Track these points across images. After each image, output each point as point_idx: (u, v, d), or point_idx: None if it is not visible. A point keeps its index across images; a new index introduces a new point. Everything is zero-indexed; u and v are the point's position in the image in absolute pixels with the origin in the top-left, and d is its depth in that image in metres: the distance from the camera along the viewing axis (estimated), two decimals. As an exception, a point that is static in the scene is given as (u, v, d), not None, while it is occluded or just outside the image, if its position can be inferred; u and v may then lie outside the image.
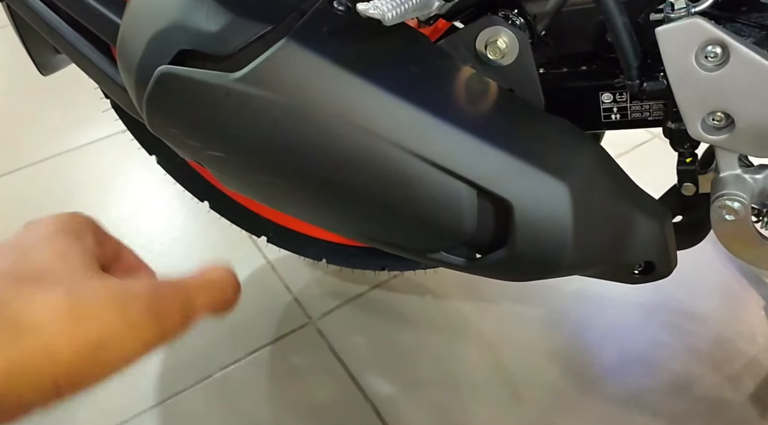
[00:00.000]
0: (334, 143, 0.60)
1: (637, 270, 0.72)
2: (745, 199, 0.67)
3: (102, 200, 1.54)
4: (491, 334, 1.16)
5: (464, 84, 0.66)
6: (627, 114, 0.76)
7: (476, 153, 0.61)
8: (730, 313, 1.13)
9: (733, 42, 0.60)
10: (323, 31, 0.61)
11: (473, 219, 0.63)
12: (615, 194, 0.68)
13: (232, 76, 0.59)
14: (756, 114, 0.63)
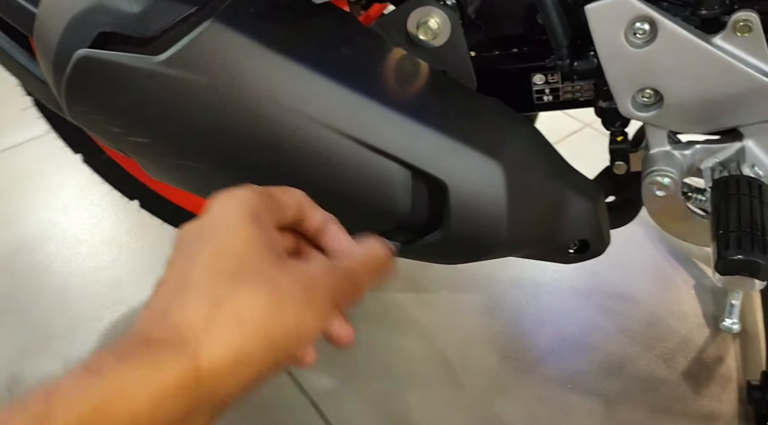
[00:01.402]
0: (262, 125, 0.59)
1: (572, 249, 0.72)
2: (675, 175, 0.68)
3: (28, 204, 1.48)
4: (428, 323, 1.16)
5: (395, 65, 0.65)
6: (559, 95, 0.76)
7: (409, 133, 0.60)
8: (661, 294, 1.15)
9: (661, 18, 0.61)
10: (250, 12, 0.59)
11: (407, 201, 0.62)
12: (548, 173, 0.68)
13: (156, 59, 0.57)
14: (683, 90, 0.64)
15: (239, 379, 0.35)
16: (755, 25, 0.59)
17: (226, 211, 0.39)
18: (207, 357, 0.33)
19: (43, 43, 0.61)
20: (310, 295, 0.37)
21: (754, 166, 0.66)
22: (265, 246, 0.38)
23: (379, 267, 0.44)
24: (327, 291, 0.39)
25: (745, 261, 0.58)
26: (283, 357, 0.37)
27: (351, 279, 0.41)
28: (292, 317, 0.36)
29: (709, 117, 0.65)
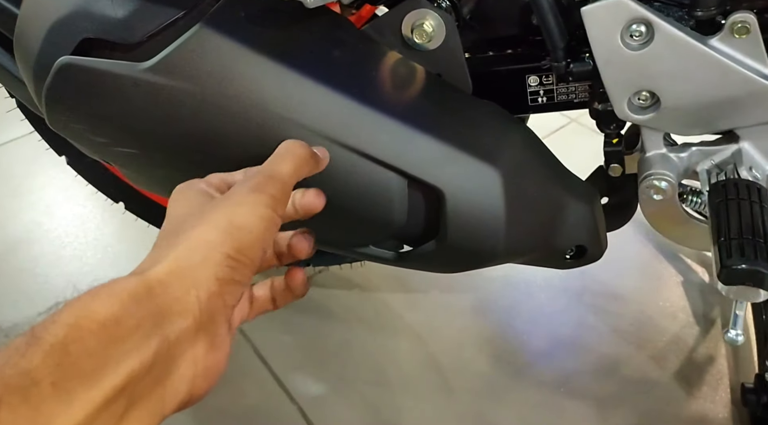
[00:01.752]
0: (253, 134, 0.57)
1: (569, 254, 0.71)
2: (672, 178, 0.68)
3: (12, 205, 1.46)
4: (420, 326, 1.15)
5: (390, 69, 0.64)
6: (553, 96, 0.75)
7: (405, 140, 0.59)
8: (651, 292, 1.15)
9: (658, 19, 0.60)
10: (240, 16, 0.58)
11: (403, 210, 0.61)
12: (545, 178, 0.67)
13: (142, 66, 0.55)
14: (680, 92, 0.63)
15: (185, 284, 0.40)
16: (753, 27, 0.59)
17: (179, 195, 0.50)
18: (154, 273, 0.40)
19: (24, 47, 0.58)
20: (255, 209, 0.44)
21: (751, 169, 0.65)
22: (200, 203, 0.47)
23: (297, 159, 0.50)
24: (265, 200, 0.45)
25: (750, 270, 0.57)
26: (235, 257, 0.42)
27: (279, 182, 0.47)
28: (222, 219, 0.43)
29: (706, 119, 0.65)
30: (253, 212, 0.44)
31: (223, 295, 0.42)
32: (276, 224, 0.46)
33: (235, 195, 0.46)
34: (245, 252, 0.43)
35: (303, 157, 0.50)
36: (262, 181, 0.46)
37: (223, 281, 0.42)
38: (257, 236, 0.44)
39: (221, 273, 0.42)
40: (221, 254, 0.42)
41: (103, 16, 0.55)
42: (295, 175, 0.49)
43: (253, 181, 0.46)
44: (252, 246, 0.43)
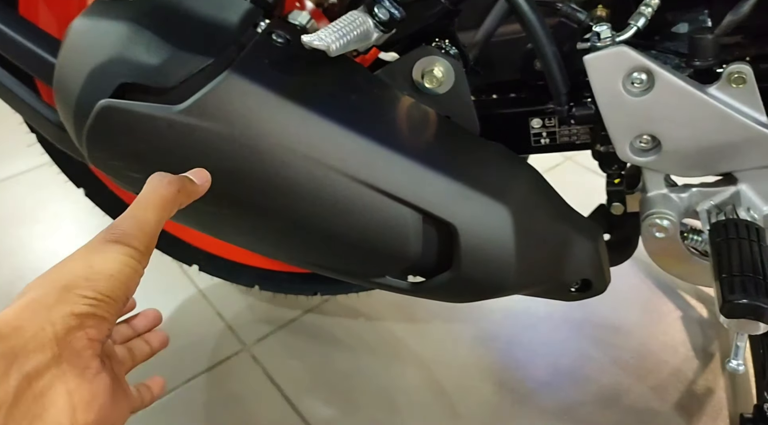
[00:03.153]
0: (279, 172, 0.61)
1: (574, 287, 0.74)
2: (673, 217, 0.71)
3: (25, 234, 1.50)
4: (425, 354, 1.17)
5: (404, 112, 0.68)
6: (555, 138, 0.79)
7: (420, 178, 0.62)
8: (651, 325, 1.18)
9: (658, 68, 0.63)
10: (264, 63, 0.61)
11: (418, 244, 0.64)
12: (552, 215, 0.70)
13: (175, 109, 0.59)
14: (680, 136, 0.66)
15: (38, 323, 0.41)
16: (749, 77, 0.62)
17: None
18: (2, 316, 0.41)
19: (64, 92, 0.62)
20: (96, 247, 0.45)
21: (749, 210, 0.68)
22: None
23: (158, 196, 0.50)
24: (114, 238, 0.45)
25: (751, 305, 0.60)
26: (93, 297, 0.43)
27: (133, 218, 0.47)
28: (79, 264, 0.44)
29: (705, 162, 0.68)
30: (114, 259, 0.45)
31: (84, 329, 0.43)
32: (139, 273, 0.46)
33: (96, 243, 0.46)
34: (106, 292, 0.44)
35: (168, 198, 0.50)
36: (126, 232, 0.46)
37: (83, 316, 0.42)
38: (119, 279, 0.44)
39: (79, 309, 0.42)
40: (77, 294, 0.43)
41: (139, 62, 0.59)
42: (162, 220, 0.49)
43: (117, 230, 0.46)
44: (113, 288, 0.44)
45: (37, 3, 0.87)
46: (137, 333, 0.63)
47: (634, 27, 0.65)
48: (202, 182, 0.54)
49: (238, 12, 0.63)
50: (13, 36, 0.70)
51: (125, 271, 0.45)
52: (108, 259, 0.45)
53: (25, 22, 0.73)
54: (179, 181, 0.51)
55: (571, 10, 0.69)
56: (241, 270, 1.16)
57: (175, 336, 0.57)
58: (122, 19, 0.61)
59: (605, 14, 0.73)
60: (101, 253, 0.45)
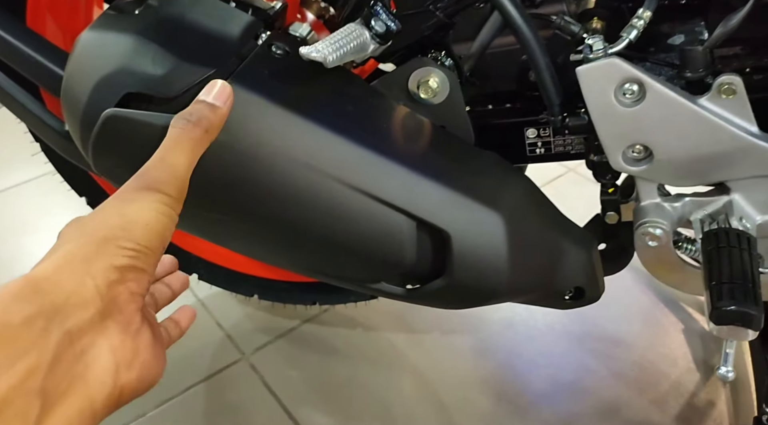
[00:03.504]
0: (277, 179, 0.62)
1: (568, 295, 0.75)
2: (666, 226, 0.71)
3: (28, 242, 1.51)
4: (423, 365, 1.18)
5: (400, 121, 0.69)
6: (550, 148, 0.79)
7: (414, 186, 0.63)
8: (651, 337, 1.18)
9: (649, 79, 0.64)
10: (264, 74, 0.63)
11: (413, 250, 0.65)
12: (545, 223, 0.71)
13: None
14: (672, 146, 0.67)
15: (78, 276, 0.40)
16: (739, 88, 0.63)
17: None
18: (39, 270, 0.41)
19: (71, 102, 0.63)
20: (128, 196, 0.44)
21: (741, 219, 0.69)
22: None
23: (188, 138, 0.49)
24: (145, 184, 0.45)
25: (739, 311, 0.60)
26: (132, 248, 0.42)
27: (163, 162, 0.47)
28: (113, 214, 0.43)
29: (697, 172, 0.68)
30: (149, 207, 0.44)
31: (126, 282, 0.42)
32: (174, 221, 0.45)
33: (127, 192, 0.45)
34: (143, 242, 0.43)
35: (196, 140, 0.49)
36: (157, 178, 0.45)
37: (124, 269, 0.42)
38: (155, 228, 0.43)
39: (119, 262, 0.41)
40: (116, 246, 0.41)
41: (144, 73, 0.60)
42: (192, 163, 0.48)
43: (147, 177, 0.46)
44: (150, 238, 0.43)
45: (44, 15, 0.89)
46: (157, 278, 0.61)
47: (626, 39, 0.66)
48: (224, 101, 0.52)
49: (239, 24, 0.65)
50: (21, 47, 0.72)
51: (161, 220, 0.44)
52: (142, 208, 0.44)
53: (32, 34, 0.75)
54: (205, 119, 0.50)
55: (565, 22, 0.70)
56: (241, 280, 1.17)
57: (175, 344, 0.57)
58: (127, 32, 0.62)
59: (600, 26, 0.74)
60: (134, 202, 0.44)
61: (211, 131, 0.51)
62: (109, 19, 0.66)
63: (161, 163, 0.47)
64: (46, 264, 0.41)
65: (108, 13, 0.67)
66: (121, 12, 0.66)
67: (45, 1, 0.88)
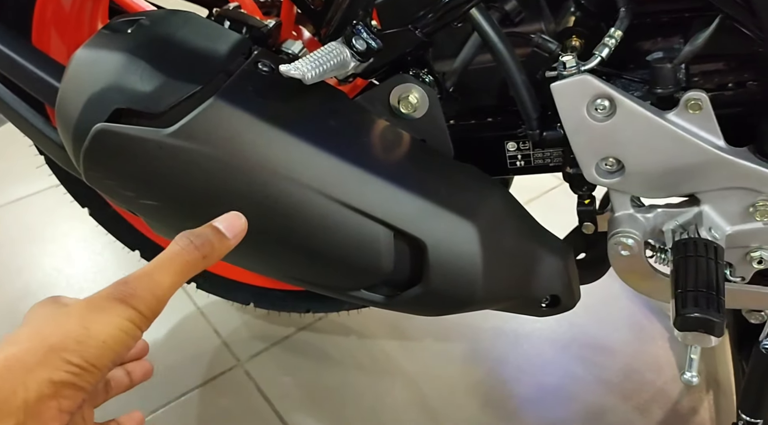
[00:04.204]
0: (259, 191, 0.65)
1: (544, 303, 0.77)
2: (637, 236, 0.74)
3: (33, 252, 1.55)
4: (414, 371, 1.20)
5: (380, 135, 0.72)
6: (530, 160, 0.82)
7: (392, 197, 0.66)
8: (637, 345, 1.20)
9: (619, 96, 0.67)
10: (249, 90, 0.66)
11: (390, 259, 0.68)
12: (520, 233, 0.74)
13: (165, 132, 0.63)
14: (642, 159, 0.70)
15: (13, 384, 0.40)
16: (704, 104, 0.66)
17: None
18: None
19: (65, 115, 0.67)
20: (98, 304, 0.43)
21: (710, 229, 0.71)
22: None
23: (181, 261, 0.48)
24: (120, 296, 0.44)
25: (701, 318, 0.63)
26: (78, 364, 0.41)
27: (147, 279, 0.46)
28: (74, 323, 0.42)
29: (667, 184, 0.71)
30: (114, 323, 0.42)
31: (58, 399, 0.41)
32: (136, 339, 0.44)
33: (101, 299, 0.44)
34: (93, 361, 0.41)
35: (191, 264, 0.48)
36: (135, 292, 0.44)
37: (61, 384, 0.41)
38: (111, 347, 0.42)
39: (59, 377, 0.40)
40: (62, 359, 0.41)
41: (133, 89, 0.64)
42: (177, 285, 0.47)
43: (127, 288, 0.44)
44: (102, 357, 0.42)
45: (49, 32, 0.92)
46: (121, 362, 0.59)
47: (597, 57, 0.69)
48: (234, 234, 0.51)
49: (227, 42, 0.69)
50: (25, 64, 0.75)
51: (120, 338, 0.43)
52: (107, 323, 0.42)
53: (36, 52, 0.78)
54: (208, 245, 0.49)
55: (543, 40, 0.72)
56: (237, 288, 1.20)
57: (172, 351, 0.60)
58: (120, 50, 0.66)
59: (579, 45, 0.77)
60: (102, 313, 0.43)
61: (209, 259, 0.49)
62: (103, 38, 0.69)
63: (147, 278, 0.46)
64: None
65: (102, 32, 0.70)
66: (114, 31, 0.69)
67: (50, 18, 0.91)
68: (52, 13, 0.91)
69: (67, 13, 0.93)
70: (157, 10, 0.82)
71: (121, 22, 0.70)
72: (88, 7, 0.96)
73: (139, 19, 0.70)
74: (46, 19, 0.91)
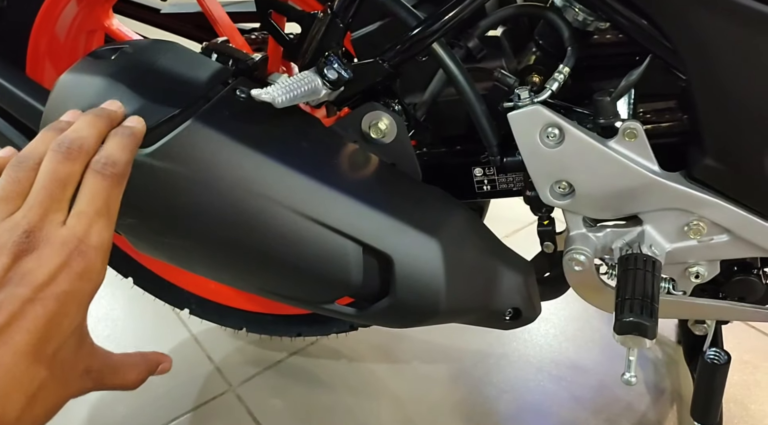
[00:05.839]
0: (234, 208, 0.69)
1: (507, 316, 0.83)
2: (589, 253, 0.81)
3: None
4: (401, 392, 1.26)
5: (350, 157, 0.78)
6: (496, 185, 0.89)
7: (360, 214, 0.72)
8: (608, 364, 1.27)
9: (567, 124, 0.75)
10: (225, 114, 0.71)
11: (359, 273, 0.73)
12: (482, 250, 0.80)
13: (144, 151, 0.67)
14: (589, 182, 0.77)
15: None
16: (639, 132, 0.73)
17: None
18: None
19: None
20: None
21: (651, 246, 0.78)
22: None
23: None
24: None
25: (635, 322, 0.70)
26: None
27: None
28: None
29: (612, 205, 0.78)
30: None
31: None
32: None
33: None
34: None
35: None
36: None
37: None
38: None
39: None
40: None
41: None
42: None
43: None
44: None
45: (43, 62, 0.97)
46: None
47: (548, 90, 0.76)
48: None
49: (207, 70, 0.73)
50: (11, 89, 0.81)
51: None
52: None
53: (23, 78, 0.83)
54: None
55: (502, 75, 0.80)
56: (230, 314, 1.24)
57: (165, 377, 0.64)
58: (101, 75, 0.69)
59: (538, 80, 0.85)
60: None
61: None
62: (87, 64, 0.72)
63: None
64: None
65: (87, 58, 0.73)
66: (98, 58, 0.73)
67: (44, 50, 0.96)
68: (47, 44, 0.96)
69: (62, 45, 0.98)
70: (139, 40, 0.86)
71: (106, 50, 0.74)
72: (83, 39, 1.00)
73: (122, 47, 0.74)
74: (41, 50, 0.96)
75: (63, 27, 0.97)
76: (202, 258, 0.76)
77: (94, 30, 1.02)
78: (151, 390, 1.25)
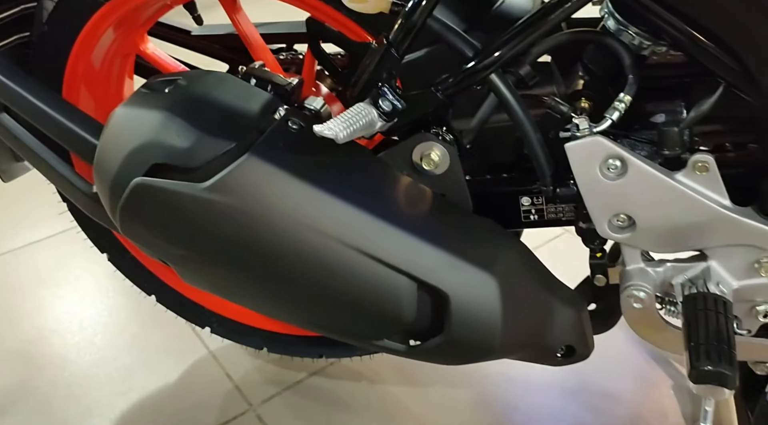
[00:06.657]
0: (289, 243, 0.68)
1: (560, 353, 0.80)
2: (649, 289, 0.77)
3: (47, 295, 1.57)
4: (424, 417, 1.22)
5: (403, 190, 0.75)
6: (543, 215, 0.86)
7: (415, 250, 0.70)
8: (643, 393, 1.22)
9: (630, 156, 0.71)
10: (279, 147, 0.70)
11: (413, 309, 0.71)
12: (537, 286, 0.77)
13: (200, 186, 0.67)
14: (652, 216, 0.73)
15: None
16: (711, 166, 0.69)
17: None
18: None
19: (103, 169, 0.71)
20: None
21: (718, 284, 0.74)
22: None
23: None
24: None
25: (715, 372, 0.66)
26: None
27: None
28: None
29: (676, 240, 0.74)
30: None
31: None
32: None
33: None
34: None
35: None
36: None
37: None
38: None
39: None
40: None
41: (171, 146, 0.68)
42: None
43: None
44: None
45: (79, 87, 0.97)
46: None
47: (609, 120, 0.73)
48: None
49: (258, 102, 0.73)
50: (57, 117, 0.80)
51: None
52: None
53: (67, 105, 0.82)
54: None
55: (555, 102, 0.76)
56: (251, 333, 1.22)
57: (185, 395, 0.62)
58: (157, 108, 0.70)
59: (588, 106, 0.81)
60: None
61: None
62: (142, 97, 0.73)
63: None
64: None
65: (141, 91, 0.74)
66: (153, 90, 0.74)
67: (81, 75, 0.96)
68: (83, 70, 0.96)
69: (97, 71, 0.98)
70: (192, 71, 0.86)
71: (159, 82, 0.74)
72: (117, 65, 1.01)
73: (176, 79, 0.74)
74: (78, 75, 0.96)
75: (100, 52, 0.97)
76: (253, 291, 0.74)
77: (128, 54, 1.02)
78: (170, 409, 1.23)
